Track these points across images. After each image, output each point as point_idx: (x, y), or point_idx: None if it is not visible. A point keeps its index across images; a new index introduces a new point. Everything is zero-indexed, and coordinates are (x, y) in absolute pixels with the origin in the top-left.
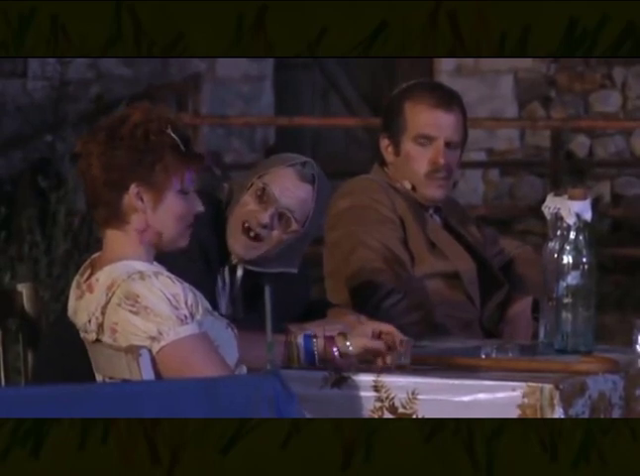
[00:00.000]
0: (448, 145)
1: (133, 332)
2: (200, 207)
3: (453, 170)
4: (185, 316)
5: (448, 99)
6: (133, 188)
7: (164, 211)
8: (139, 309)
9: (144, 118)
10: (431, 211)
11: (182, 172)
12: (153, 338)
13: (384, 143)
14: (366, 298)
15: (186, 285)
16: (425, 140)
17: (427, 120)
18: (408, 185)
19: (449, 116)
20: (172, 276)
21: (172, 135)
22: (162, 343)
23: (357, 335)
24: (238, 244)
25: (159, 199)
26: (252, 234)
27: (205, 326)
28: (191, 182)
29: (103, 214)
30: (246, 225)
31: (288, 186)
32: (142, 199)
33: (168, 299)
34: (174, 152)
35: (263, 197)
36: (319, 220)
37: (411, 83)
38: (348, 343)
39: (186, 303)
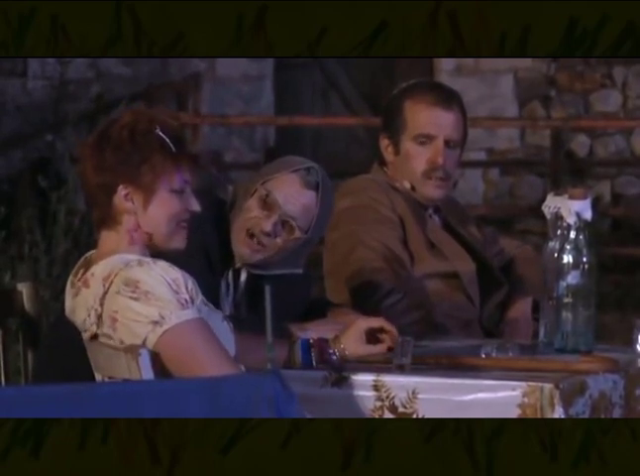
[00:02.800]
0: (447, 144)
1: (134, 319)
2: (196, 206)
3: (452, 169)
4: (186, 300)
5: (447, 98)
6: (121, 190)
7: (155, 211)
8: (139, 295)
9: (132, 119)
10: (430, 211)
11: (172, 171)
12: (155, 322)
13: (384, 143)
14: (365, 298)
15: (185, 272)
16: (425, 139)
17: (426, 119)
18: (407, 185)
19: (448, 115)
20: (169, 263)
21: (161, 135)
22: (165, 327)
23: (350, 340)
24: (242, 248)
25: (148, 200)
26: (255, 241)
27: (202, 315)
28: (184, 182)
29: (98, 215)
30: (249, 232)
31: (292, 193)
32: (132, 200)
33: (169, 284)
34: (163, 152)
35: (266, 204)
36: (323, 226)
37: (411, 83)
38: (342, 346)
39: (187, 288)
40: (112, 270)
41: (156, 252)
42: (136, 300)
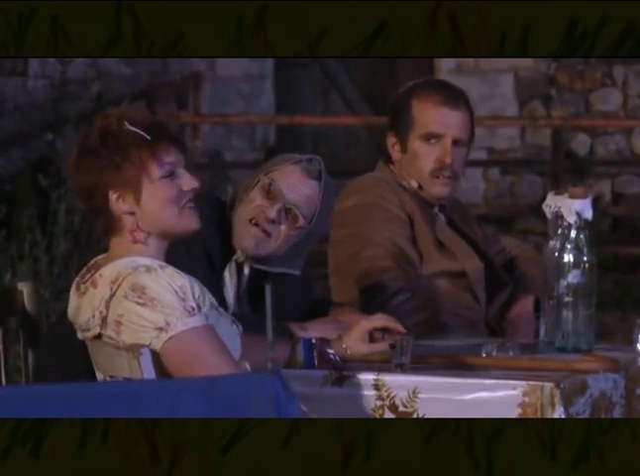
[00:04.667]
0: (455, 143)
1: (139, 324)
2: (192, 183)
3: (459, 168)
4: (193, 308)
5: (455, 97)
6: (112, 194)
7: (149, 203)
8: (145, 301)
9: (102, 123)
10: (436, 210)
11: (154, 159)
12: (160, 329)
13: (391, 141)
14: (373, 297)
15: (192, 277)
16: (433, 138)
17: (434, 118)
18: (415, 184)
19: (456, 114)
20: (178, 269)
21: (131, 128)
22: (171, 333)
23: (353, 340)
24: (246, 240)
25: (138, 195)
26: (259, 229)
27: (210, 320)
28: (169, 164)
29: (103, 225)
30: (253, 221)
31: (295, 183)
32: (125, 201)
33: (175, 291)
34: (138, 144)
35: (269, 193)
36: (325, 217)
37: (418, 81)
38: (345, 345)
39: (193, 295)
40: (120, 273)
41: (170, 240)
42: (142, 306)
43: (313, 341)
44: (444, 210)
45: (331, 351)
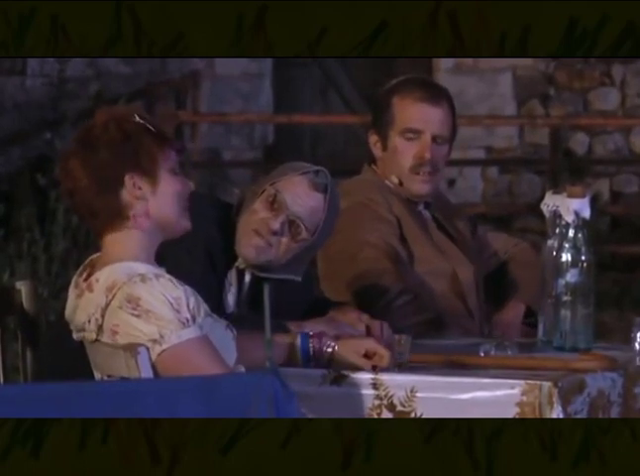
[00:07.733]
0: (435, 139)
1: (134, 335)
2: (191, 186)
3: (440, 165)
4: (187, 319)
5: (436, 94)
6: (128, 179)
7: (164, 192)
8: (140, 313)
9: (109, 116)
10: (421, 207)
11: (164, 152)
12: (154, 341)
13: (373, 138)
14: (375, 299)
15: (187, 287)
16: (412, 134)
17: (414, 114)
18: (395, 180)
19: (436, 110)
20: (173, 278)
21: (142, 121)
22: (164, 346)
23: (348, 348)
24: (248, 249)
25: (155, 183)
26: (262, 240)
27: (205, 328)
28: (176, 162)
29: (103, 220)
30: (256, 231)
31: (300, 195)
32: (140, 187)
33: (170, 303)
34: (150, 135)
35: (274, 204)
36: (329, 230)
37: (401, 79)
38: (337, 348)
39: (188, 307)
40: (115, 282)
41: (167, 237)
42: (137, 317)
43: (310, 334)
44: (428, 207)
45: (329, 342)
